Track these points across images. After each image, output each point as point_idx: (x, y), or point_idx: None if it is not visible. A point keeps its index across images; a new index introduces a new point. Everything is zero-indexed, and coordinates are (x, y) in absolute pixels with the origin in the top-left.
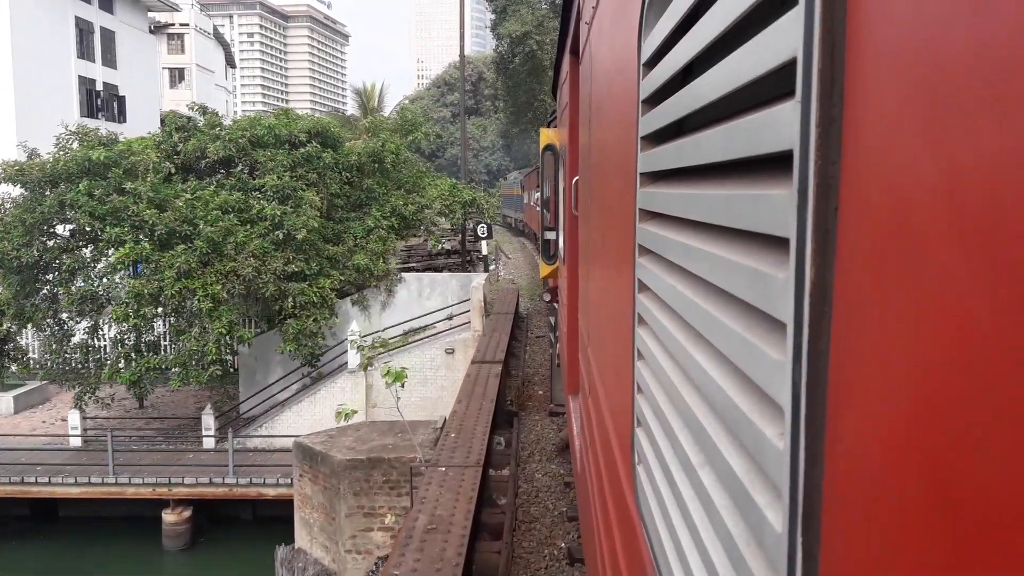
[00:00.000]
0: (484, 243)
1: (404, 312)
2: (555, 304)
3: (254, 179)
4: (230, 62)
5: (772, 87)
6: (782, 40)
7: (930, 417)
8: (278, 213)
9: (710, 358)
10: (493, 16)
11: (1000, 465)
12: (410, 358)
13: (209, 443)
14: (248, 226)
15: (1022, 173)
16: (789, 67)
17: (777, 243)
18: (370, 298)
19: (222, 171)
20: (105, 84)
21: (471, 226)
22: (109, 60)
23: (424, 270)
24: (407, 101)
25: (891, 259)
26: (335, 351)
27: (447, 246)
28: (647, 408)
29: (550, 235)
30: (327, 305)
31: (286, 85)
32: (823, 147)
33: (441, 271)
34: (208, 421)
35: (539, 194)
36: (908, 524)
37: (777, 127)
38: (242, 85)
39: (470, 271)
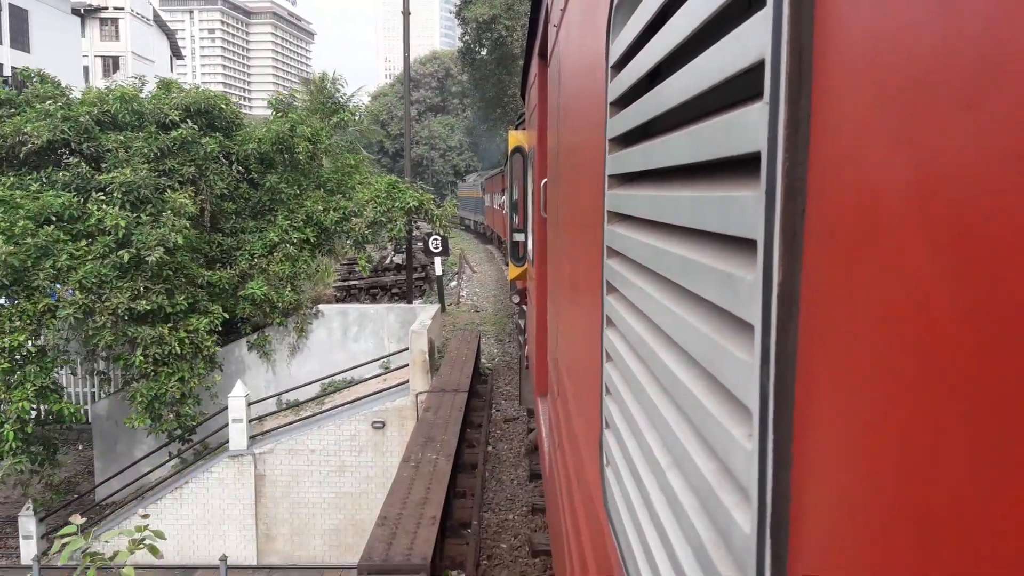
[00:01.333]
0: (438, 260)
1: (323, 360)
2: (524, 306)
3: (103, 174)
4: (176, 52)
5: (740, 89)
6: (750, 42)
7: (897, 418)
8: (122, 223)
9: (678, 360)
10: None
11: (968, 466)
12: (323, 436)
13: (29, 553)
14: (83, 242)
15: (989, 174)
16: (757, 69)
17: (745, 245)
18: (274, 341)
19: (61, 162)
20: (13, 69)
21: (420, 240)
22: (20, 42)
23: (369, 290)
24: (368, 97)
25: (858, 261)
26: (221, 419)
27: (397, 260)
28: (615, 410)
29: (519, 237)
30: (203, 355)
31: (248, 83)
32: (791, 149)
33: (389, 291)
34: (28, 525)
35: (504, 197)
36: (876, 526)
37: (745, 129)
38: (203, 83)
39: (418, 299)
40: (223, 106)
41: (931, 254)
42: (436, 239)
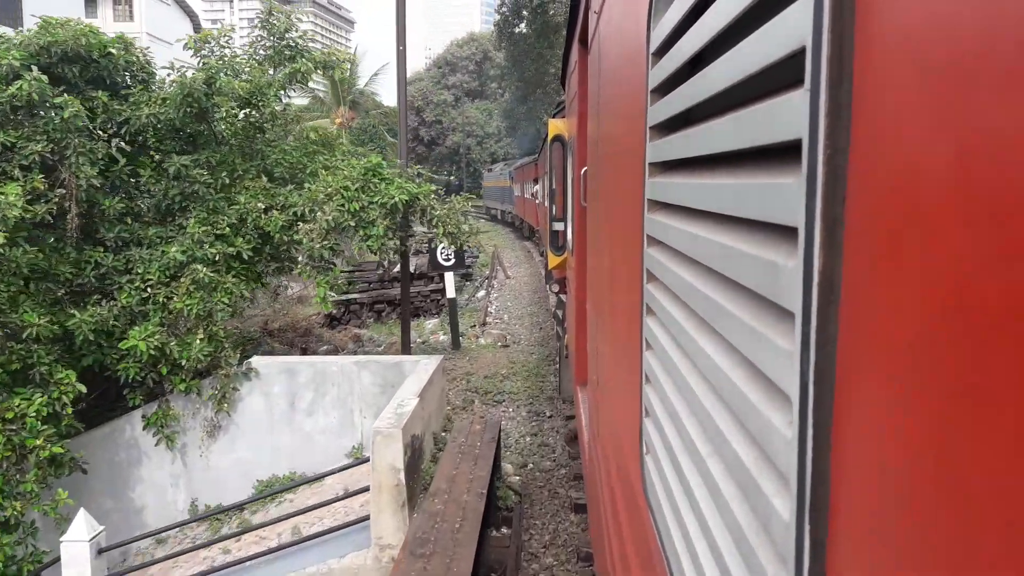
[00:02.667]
0: (449, 279)
1: (258, 444)
2: (562, 296)
3: None
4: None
5: (781, 76)
6: (791, 28)
7: (937, 406)
8: None
9: (718, 347)
10: None
11: (1008, 454)
12: None
13: None
14: None
15: None
16: (798, 56)
17: (785, 232)
18: (182, 415)
19: None
20: None
21: (421, 249)
22: (11, 19)
23: (373, 305)
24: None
25: (899, 248)
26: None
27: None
28: (655, 398)
29: (558, 226)
30: (36, 459)
31: None
32: (832, 136)
33: (398, 307)
34: None
35: (537, 186)
36: (915, 514)
37: (786, 116)
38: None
39: (433, 318)
40: (113, 51)
41: (973, 240)
42: (445, 248)
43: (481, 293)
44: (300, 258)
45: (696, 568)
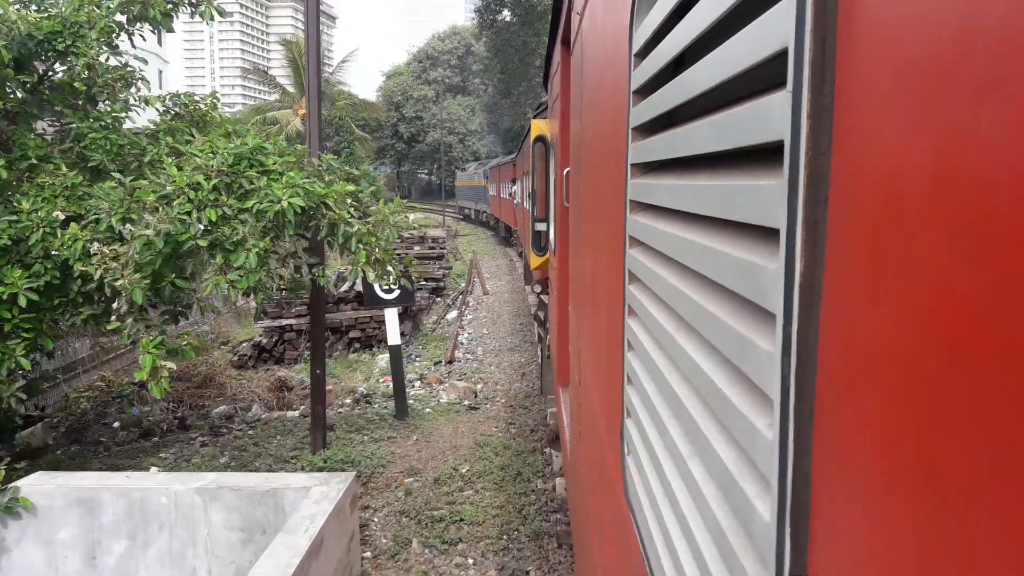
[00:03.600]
0: (391, 317)
1: None
2: (544, 297)
3: None
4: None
5: (763, 77)
6: (774, 30)
7: (918, 408)
8: None
9: (700, 349)
10: None
11: (988, 456)
12: None
13: None
14: None
15: (1013, 162)
16: (780, 57)
17: (767, 234)
18: None
19: None
20: None
21: (342, 284)
22: None
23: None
24: (384, 77)
25: (881, 250)
26: None
27: (351, 287)
28: (637, 399)
29: (541, 227)
30: None
31: (267, 68)
32: (814, 137)
33: (345, 335)
34: None
35: (516, 186)
36: (896, 515)
37: (768, 117)
38: (220, 67)
39: (358, 391)
40: None
41: (954, 243)
42: (381, 275)
43: (452, 315)
44: (118, 303)
45: (677, 569)
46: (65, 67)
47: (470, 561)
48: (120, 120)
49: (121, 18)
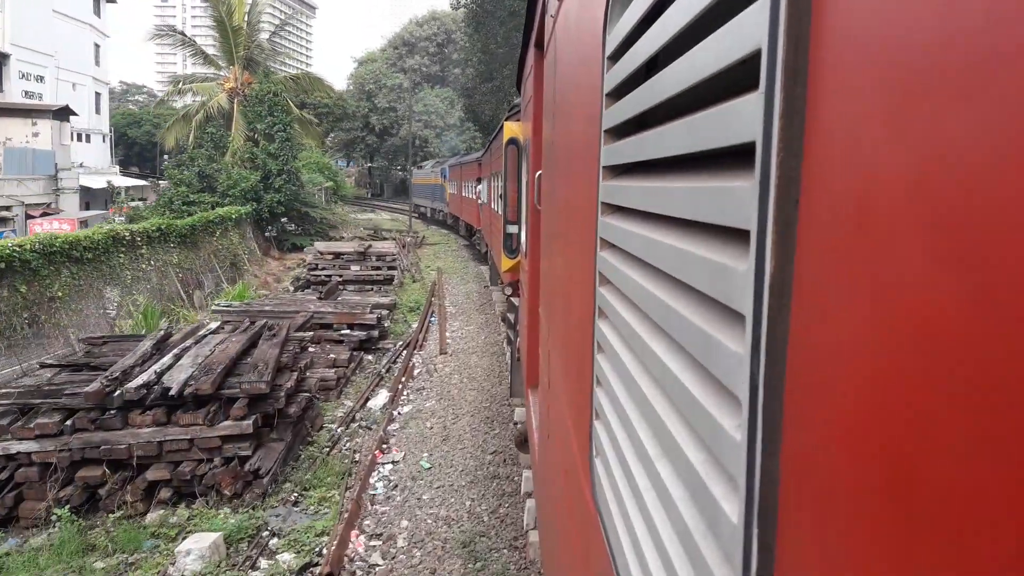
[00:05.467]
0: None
1: None
2: (514, 300)
3: None
4: None
5: (735, 80)
6: (747, 31)
7: (887, 410)
8: None
9: (669, 350)
10: None
11: (956, 458)
12: None
13: None
14: None
15: (985, 167)
16: (753, 59)
17: (738, 236)
18: None
19: None
20: None
21: (133, 377)
22: None
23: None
24: (356, 64)
25: (851, 252)
26: None
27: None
28: (606, 400)
29: (512, 229)
30: None
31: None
32: (786, 139)
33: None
34: None
35: (481, 186)
36: (863, 516)
37: (740, 119)
38: (191, 54)
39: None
40: None
41: (924, 246)
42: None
43: (379, 400)
44: None
45: (643, 570)
46: None
47: None
48: None
49: None
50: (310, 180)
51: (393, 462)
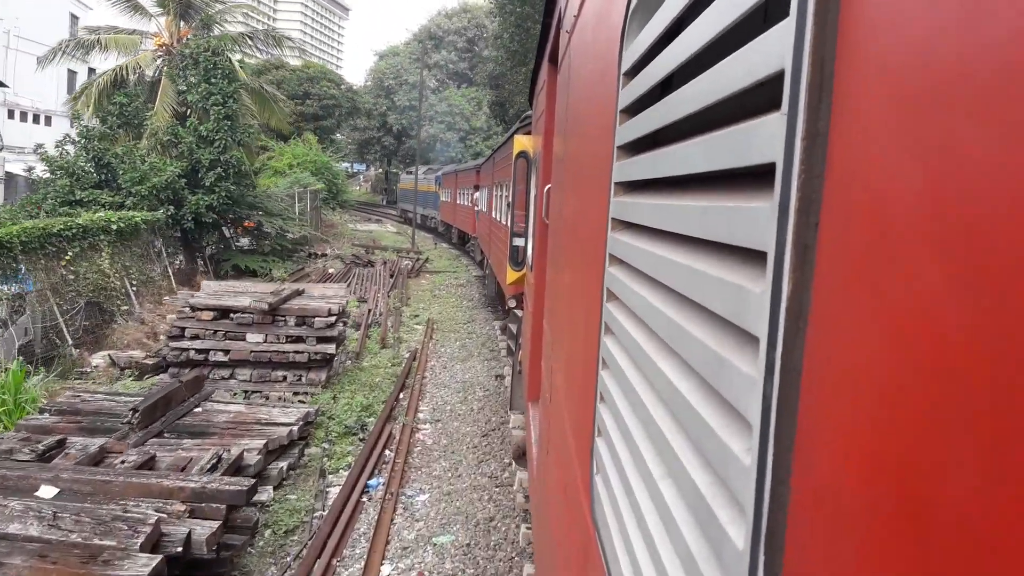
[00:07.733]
0: None
1: None
2: (517, 311)
3: None
4: None
5: (753, 100)
6: (771, 52)
7: (903, 437)
8: None
9: (678, 370)
10: None
11: (975, 488)
12: None
13: None
14: None
15: (1008, 189)
16: (773, 80)
17: (754, 256)
18: None
19: None
20: None
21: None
22: None
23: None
24: (376, 57)
25: (871, 275)
26: None
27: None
28: (609, 417)
29: (519, 241)
30: None
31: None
32: (807, 160)
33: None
34: None
35: (477, 194)
36: (876, 545)
37: (761, 139)
38: None
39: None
40: None
41: (946, 271)
42: None
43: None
44: None
45: None
46: None
47: None
48: None
49: None
50: (296, 180)
51: None
